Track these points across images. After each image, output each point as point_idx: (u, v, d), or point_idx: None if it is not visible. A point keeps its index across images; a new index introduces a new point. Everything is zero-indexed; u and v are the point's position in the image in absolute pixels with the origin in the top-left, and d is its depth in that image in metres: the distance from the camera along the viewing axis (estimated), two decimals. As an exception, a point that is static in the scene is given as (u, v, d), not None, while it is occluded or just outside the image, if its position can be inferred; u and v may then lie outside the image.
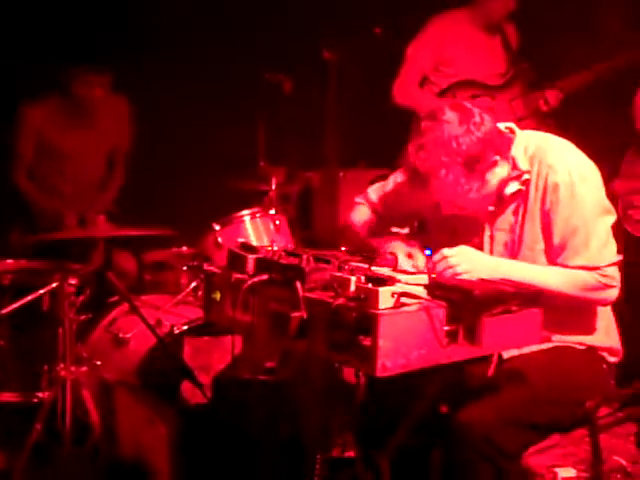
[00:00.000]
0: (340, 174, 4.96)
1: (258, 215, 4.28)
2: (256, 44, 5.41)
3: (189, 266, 4.37)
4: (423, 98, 4.82)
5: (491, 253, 2.92)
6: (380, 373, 2.36)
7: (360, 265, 2.65)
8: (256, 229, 4.26)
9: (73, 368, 3.64)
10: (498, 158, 2.81)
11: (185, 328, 3.90)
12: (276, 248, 2.80)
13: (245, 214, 4.27)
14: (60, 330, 3.65)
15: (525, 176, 2.85)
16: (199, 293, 4.05)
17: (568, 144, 2.92)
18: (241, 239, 2.98)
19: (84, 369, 3.70)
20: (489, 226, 2.94)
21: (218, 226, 4.20)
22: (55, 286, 3.71)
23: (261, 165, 4.78)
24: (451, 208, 2.89)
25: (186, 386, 3.80)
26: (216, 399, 3.51)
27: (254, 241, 4.08)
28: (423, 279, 2.56)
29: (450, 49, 4.86)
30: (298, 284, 2.52)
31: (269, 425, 3.14)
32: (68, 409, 3.61)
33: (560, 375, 2.83)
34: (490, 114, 2.82)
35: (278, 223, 4.26)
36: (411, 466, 2.93)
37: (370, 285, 2.44)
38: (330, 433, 3.06)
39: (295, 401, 3.05)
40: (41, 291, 3.76)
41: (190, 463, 3.28)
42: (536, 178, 2.85)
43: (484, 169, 2.79)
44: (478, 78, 4.91)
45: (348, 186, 4.96)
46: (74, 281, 3.66)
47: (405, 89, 4.84)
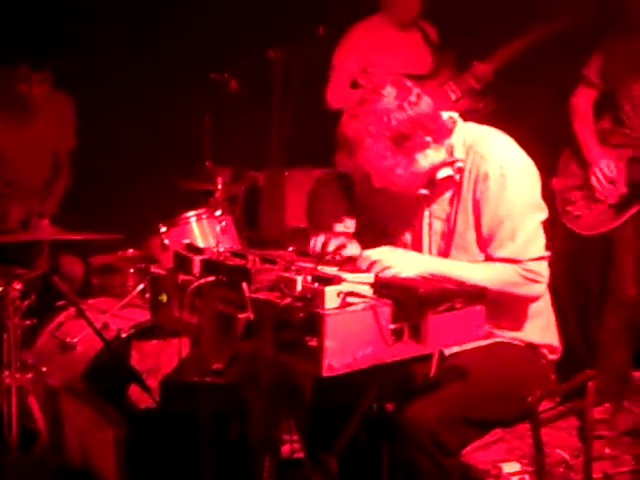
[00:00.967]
0: (285, 173, 4.97)
1: (204, 216, 4.26)
2: (201, 43, 5.39)
3: (136, 268, 4.34)
4: (357, 97, 4.83)
5: (429, 242, 2.97)
6: (326, 373, 2.35)
7: (306, 265, 2.65)
8: (202, 230, 4.24)
9: (18, 375, 3.60)
10: (430, 140, 2.85)
11: (132, 331, 3.87)
12: (222, 249, 2.79)
13: (191, 215, 4.25)
14: (5, 336, 3.60)
15: (459, 164, 2.89)
16: (146, 295, 4.02)
17: (508, 139, 2.94)
18: (187, 240, 2.97)
19: (29, 376, 3.65)
20: (428, 215, 2.98)
21: (164, 228, 4.18)
22: (-1, 291, 3.66)
23: (207, 165, 4.76)
24: (380, 180, 2.90)
25: (134, 390, 3.78)
26: (164, 402, 3.49)
27: (200, 242, 4.06)
28: (369, 278, 2.56)
29: (375, 52, 4.91)
30: (244, 285, 2.52)
31: (217, 428, 3.13)
32: (14, 417, 3.56)
33: (501, 370, 2.86)
34: (433, 100, 2.86)
35: (224, 224, 4.25)
36: (360, 465, 2.94)
37: (316, 285, 2.44)
38: (278, 435, 3.06)
39: (243, 403, 3.05)
40: (-16, 296, 3.71)
41: (138, 467, 3.26)
42: (470, 167, 2.89)
43: (413, 148, 2.83)
44: (405, 72, 4.94)
45: (293, 185, 4.98)
46: (19, 286, 3.62)
47: (337, 94, 4.89)
